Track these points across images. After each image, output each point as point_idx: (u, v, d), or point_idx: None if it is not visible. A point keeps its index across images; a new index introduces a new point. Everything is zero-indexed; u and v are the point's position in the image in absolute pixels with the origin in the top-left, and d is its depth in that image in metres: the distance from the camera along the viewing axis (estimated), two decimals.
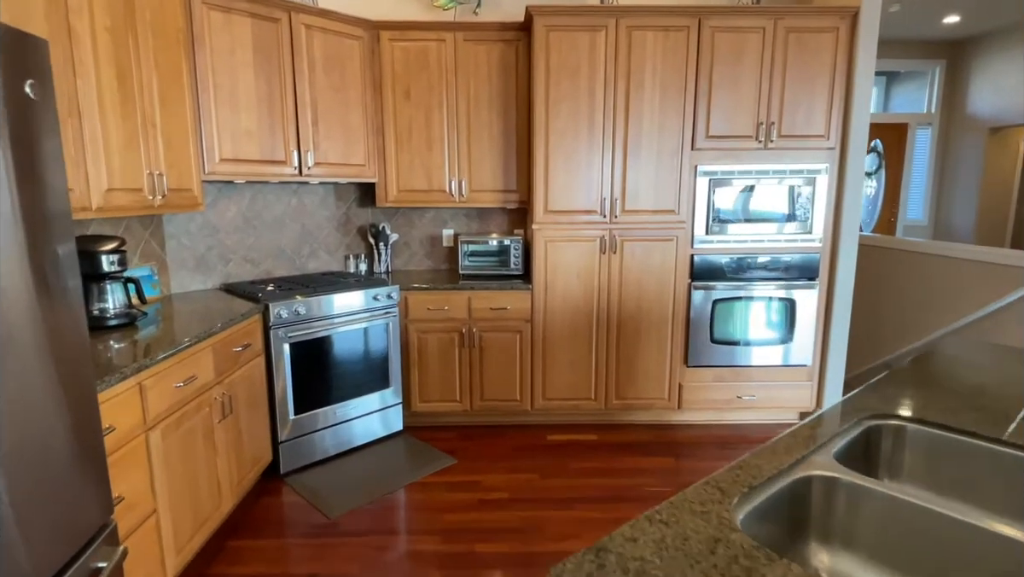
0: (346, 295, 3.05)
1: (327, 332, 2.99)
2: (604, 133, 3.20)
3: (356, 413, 3.18)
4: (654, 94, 3.16)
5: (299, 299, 2.87)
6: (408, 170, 3.50)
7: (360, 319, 3.12)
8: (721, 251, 3.34)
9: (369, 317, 3.16)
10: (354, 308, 3.09)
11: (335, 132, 3.23)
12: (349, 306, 3.07)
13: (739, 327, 3.40)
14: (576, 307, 3.35)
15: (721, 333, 3.40)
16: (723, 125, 3.21)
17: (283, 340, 2.83)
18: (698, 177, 3.26)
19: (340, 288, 3.09)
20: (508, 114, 3.46)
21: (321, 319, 2.97)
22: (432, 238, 3.92)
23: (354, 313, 3.10)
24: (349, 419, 3.16)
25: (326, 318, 2.99)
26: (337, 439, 3.12)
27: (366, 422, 3.24)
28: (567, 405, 3.47)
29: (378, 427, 3.30)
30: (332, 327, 2.99)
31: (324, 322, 2.98)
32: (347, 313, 3.07)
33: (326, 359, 3.02)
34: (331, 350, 3.04)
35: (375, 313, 3.19)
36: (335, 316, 3.02)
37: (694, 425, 3.57)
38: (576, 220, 3.28)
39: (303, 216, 3.55)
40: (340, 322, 3.04)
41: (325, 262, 3.69)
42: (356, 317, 3.11)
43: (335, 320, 3.02)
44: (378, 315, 3.20)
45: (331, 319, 3.01)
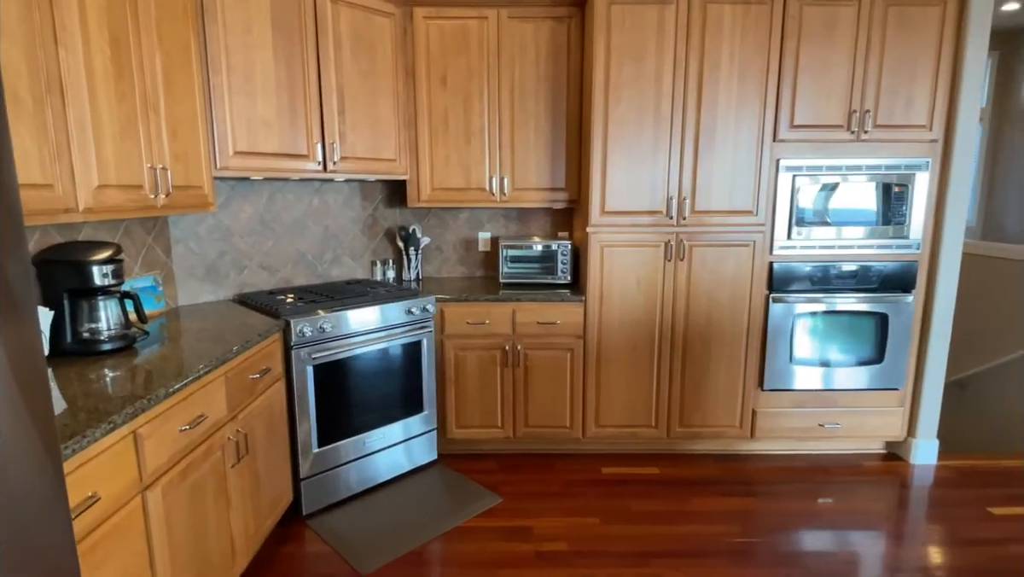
0: (377, 308, 2.66)
1: (355, 351, 2.59)
2: (672, 123, 2.78)
3: (386, 443, 2.79)
4: (731, 78, 2.74)
5: (324, 314, 2.48)
6: (443, 166, 3.10)
7: (392, 335, 2.72)
8: (804, 258, 2.91)
9: (402, 332, 2.76)
10: (386, 323, 2.70)
11: (363, 123, 2.84)
12: (380, 321, 2.68)
13: (823, 345, 2.97)
14: (636, 321, 2.94)
15: (802, 352, 2.98)
16: (810, 114, 2.78)
17: (306, 362, 2.44)
18: (780, 173, 2.83)
19: (370, 300, 2.70)
20: (557, 102, 3.05)
21: (349, 336, 2.58)
22: (467, 242, 3.52)
23: (386, 329, 2.71)
24: (378, 450, 2.76)
25: (355, 335, 2.60)
26: (365, 473, 2.73)
27: (397, 452, 2.84)
28: (623, 433, 3.05)
29: (410, 457, 2.91)
30: (361, 345, 2.60)
31: (352, 340, 2.59)
32: (378, 329, 2.68)
33: (353, 382, 2.63)
34: (359, 372, 2.64)
35: (409, 328, 2.79)
36: (365, 333, 2.63)
37: (766, 456, 3.14)
38: (638, 222, 2.86)
39: (326, 217, 3.16)
40: (370, 340, 2.65)
41: (349, 269, 3.30)
42: (388, 333, 2.71)
43: (364, 337, 2.63)
44: (412, 330, 2.80)
45: (360, 336, 2.61)
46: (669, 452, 3.16)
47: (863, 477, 2.92)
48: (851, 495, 2.75)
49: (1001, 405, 4.13)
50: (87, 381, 1.59)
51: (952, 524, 2.52)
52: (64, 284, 1.83)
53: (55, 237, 1.96)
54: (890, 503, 2.69)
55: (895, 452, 3.16)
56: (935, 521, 2.54)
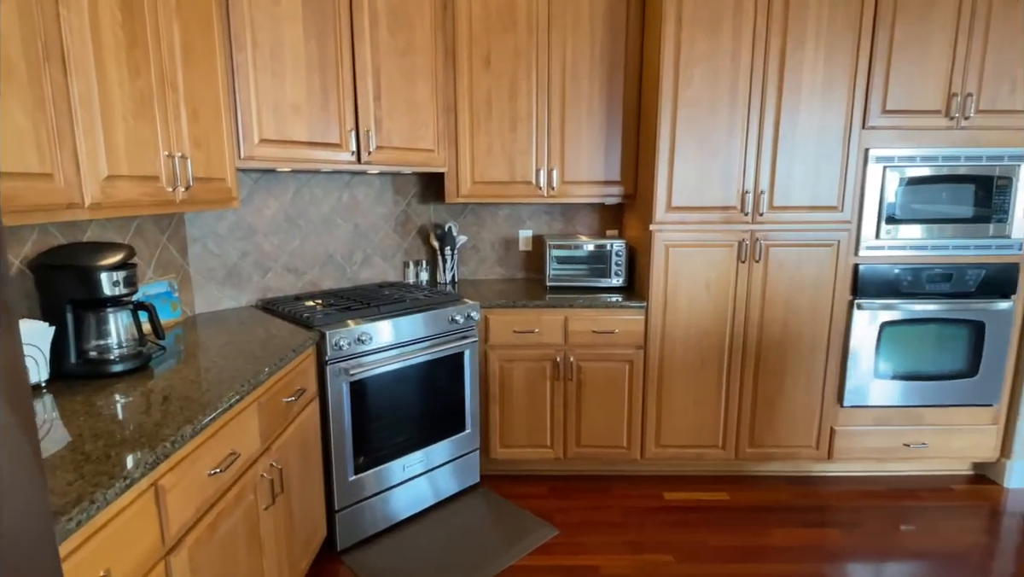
0: (419, 317, 2.36)
1: (395, 365, 2.30)
2: (750, 106, 2.47)
3: (426, 466, 2.50)
4: (817, 56, 2.43)
5: (361, 324, 2.18)
6: (485, 156, 2.80)
7: (434, 346, 2.42)
8: (893, 260, 2.60)
9: (444, 343, 2.46)
10: (428, 332, 2.40)
11: (400, 109, 2.54)
12: (422, 330, 2.38)
13: (912, 357, 2.67)
14: (704, 330, 2.64)
15: (888, 365, 2.67)
16: (904, 97, 2.47)
17: (342, 378, 2.14)
18: (869, 164, 2.52)
19: (410, 307, 2.40)
20: (613, 85, 2.74)
21: (388, 349, 2.28)
22: (506, 241, 3.21)
23: (428, 339, 2.41)
24: (418, 475, 2.47)
25: (394, 347, 2.30)
26: (403, 501, 2.43)
27: (438, 476, 2.55)
28: (687, 454, 2.75)
29: (451, 481, 2.61)
30: (401, 359, 2.30)
31: (392, 353, 2.29)
32: (419, 340, 2.38)
33: (392, 400, 2.34)
34: (398, 388, 2.35)
35: (451, 338, 2.50)
36: (405, 344, 2.33)
37: (843, 478, 2.84)
38: (708, 219, 2.56)
39: (356, 214, 2.87)
40: (411, 352, 2.35)
41: (380, 270, 3.00)
42: (430, 344, 2.42)
43: (405, 350, 2.33)
44: (455, 340, 2.50)
45: (400, 348, 2.32)
46: (735, 474, 2.86)
47: (953, 503, 2.62)
48: (943, 525, 2.45)
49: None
50: (95, 414, 1.30)
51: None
52: (67, 294, 1.54)
53: (56, 238, 1.67)
54: (989, 536, 2.39)
55: (985, 474, 2.86)
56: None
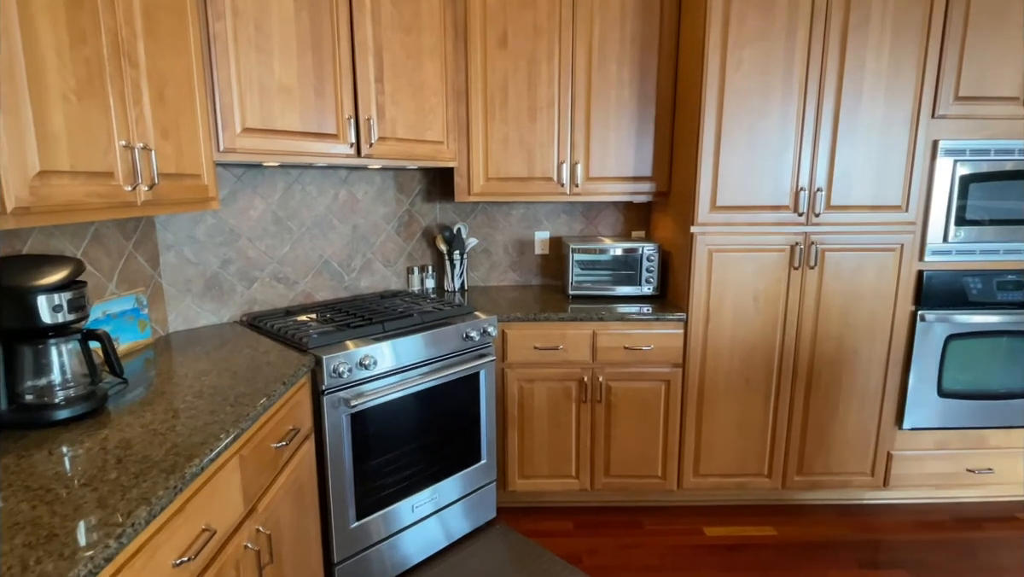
0: (429, 334, 2.04)
1: (401, 392, 1.98)
2: (807, 92, 2.17)
3: (437, 505, 2.18)
4: (882, 36, 2.13)
5: (363, 345, 1.86)
6: (501, 149, 2.48)
7: (446, 368, 2.11)
8: (962, 266, 2.32)
9: (458, 363, 2.15)
10: (439, 352, 2.09)
11: (404, 94, 2.21)
12: (433, 350, 2.06)
13: (980, 374, 2.39)
14: (751, 346, 2.34)
15: (953, 382, 2.39)
16: (977, 82, 2.18)
17: (341, 409, 1.82)
18: (938, 158, 2.23)
19: (418, 323, 2.09)
20: (646, 67, 2.43)
21: (395, 373, 1.96)
22: (520, 243, 2.90)
23: (439, 360, 2.09)
24: (428, 515, 2.16)
25: (401, 370, 1.98)
26: (412, 546, 2.12)
27: (450, 515, 2.24)
28: (728, 484, 2.46)
29: (465, 519, 2.30)
30: (409, 384, 1.98)
31: (398, 378, 1.97)
32: (429, 361, 2.06)
33: (398, 432, 2.02)
34: (405, 417, 2.03)
35: (465, 357, 2.18)
36: (413, 367, 2.02)
37: (898, 507, 2.56)
38: (758, 220, 2.26)
39: (354, 214, 2.54)
40: (419, 375, 2.03)
41: (382, 278, 2.67)
42: (441, 365, 2.10)
43: (413, 373, 2.02)
44: (469, 359, 2.19)
45: (408, 371, 2.00)
46: (779, 503, 2.57)
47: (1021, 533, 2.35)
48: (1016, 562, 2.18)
49: None
50: (21, 486, 0.98)
51: None
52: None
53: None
54: None
55: None
56: None
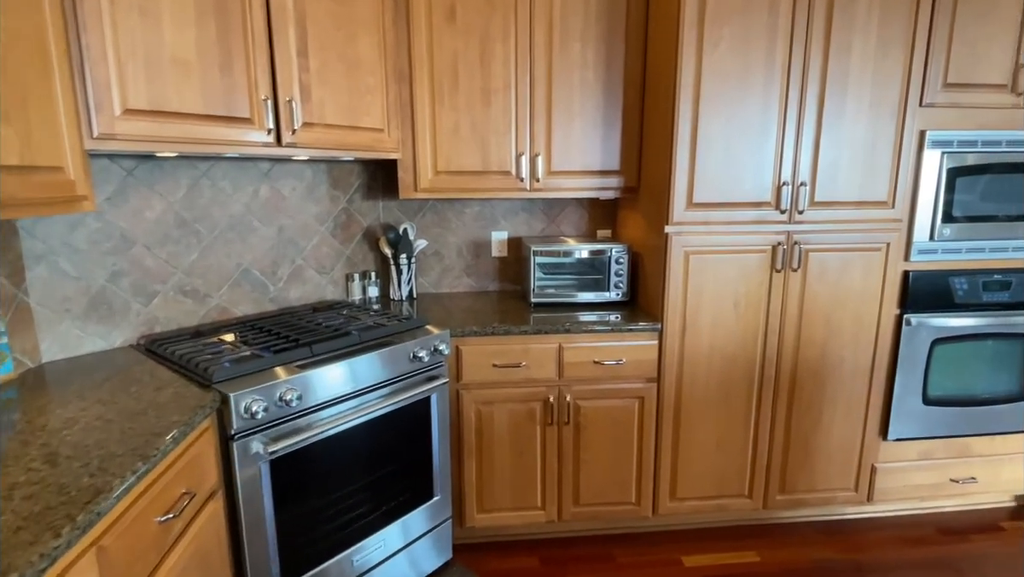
0: (369, 357, 1.72)
1: (335, 428, 1.65)
2: (790, 75, 1.95)
3: (384, 554, 1.87)
4: (870, 14, 1.94)
5: (285, 374, 1.53)
6: (451, 138, 2.17)
7: (390, 395, 1.80)
8: (949, 266, 2.17)
9: (405, 388, 1.84)
10: (382, 376, 1.77)
11: (335, 72, 1.87)
12: (373, 375, 1.75)
13: (965, 379, 2.25)
14: (731, 356, 2.13)
15: (938, 389, 2.25)
16: (966, 69, 2.02)
17: (256, 458, 1.49)
18: (925, 150, 2.06)
19: (357, 344, 1.76)
20: (613, 47, 2.17)
21: (326, 405, 1.63)
22: (476, 245, 2.60)
23: (382, 385, 1.78)
24: (373, 566, 1.85)
25: (335, 402, 1.66)
26: None
27: (399, 563, 1.93)
28: (707, 506, 2.25)
29: (417, 566, 2.00)
30: (344, 418, 1.66)
31: (331, 411, 1.65)
32: (370, 388, 1.75)
33: (334, 476, 1.70)
34: (341, 458, 1.71)
35: (413, 380, 1.87)
36: (350, 396, 1.69)
37: (881, 521, 2.41)
38: (738, 218, 2.04)
39: (280, 214, 2.18)
40: (357, 407, 1.72)
41: (316, 287, 2.33)
42: (385, 392, 1.79)
43: (350, 403, 1.70)
44: (417, 382, 1.88)
45: (344, 402, 1.68)
46: (760, 523, 2.38)
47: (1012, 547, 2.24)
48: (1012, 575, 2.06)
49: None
50: None
51: None
52: None
53: None
54: None
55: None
56: None
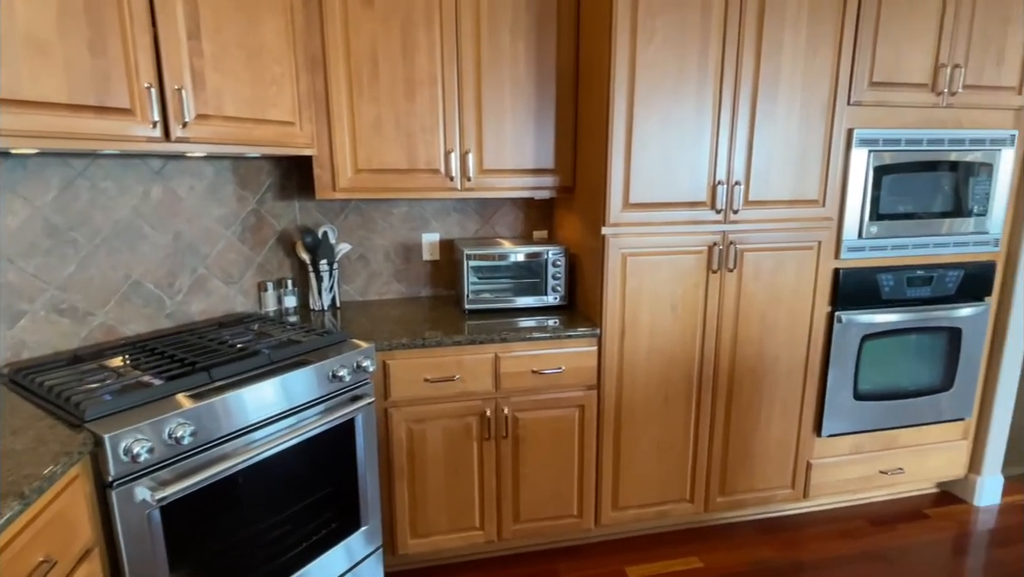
0: (280, 380, 1.53)
1: (241, 462, 1.45)
2: (723, 75, 1.90)
3: None
4: (800, 13, 1.91)
5: (177, 407, 1.32)
6: (373, 133, 2.00)
7: (308, 420, 1.61)
8: (876, 263, 2.20)
9: (325, 411, 1.66)
10: (296, 401, 1.58)
11: (234, 58, 1.66)
12: (287, 399, 1.56)
13: (892, 373, 2.30)
14: (670, 359, 2.07)
15: (868, 383, 2.29)
16: (890, 68, 2.04)
17: (144, 507, 1.28)
18: (853, 148, 2.07)
19: (265, 364, 1.57)
20: (544, 40, 2.06)
21: (229, 438, 1.43)
22: (405, 248, 2.43)
23: (298, 410, 1.59)
24: None
25: (240, 434, 1.46)
26: None
27: None
28: (649, 513, 2.19)
29: None
30: (251, 451, 1.46)
31: (236, 444, 1.45)
32: (283, 414, 1.56)
33: (242, 515, 1.50)
34: (251, 494, 1.52)
35: (335, 401, 1.70)
36: (259, 425, 1.50)
37: (816, 515, 2.44)
38: (674, 218, 1.97)
39: (176, 218, 1.93)
40: (268, 437, 1.52)
41: (223, 299, 2.09)
42: (301, 418, 1.60)
43: (259, 433, 1.50)
44: (339, 404, 1.71)
45: (251, 432, 1.48)
46: (701, 525, 2.35)
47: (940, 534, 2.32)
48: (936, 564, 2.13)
49: None
50: None
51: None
52: None
53: None
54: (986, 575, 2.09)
55: (950, 491, 2.61)
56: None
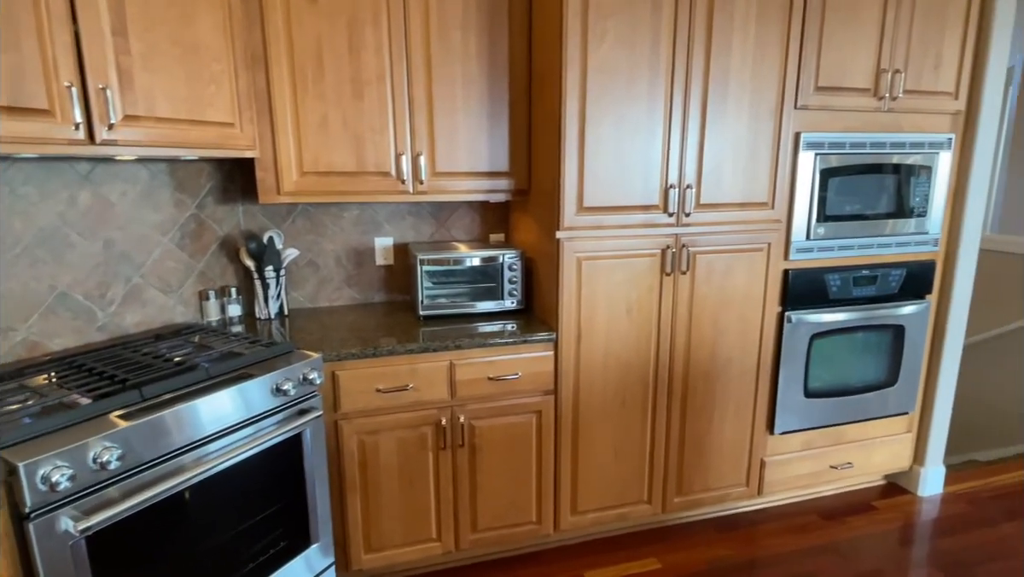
0: (219, 396, 1.45)
1: (177, 485, 1.36)
2: (674, 74, 1.90)
3: None
4: (748, 16, 1.93)
5: (104, 430, 1.23)
6: (319, 134, 1.92)
7: (250, 439, 1.53)
8: (824, 263, 2.25)
9: (270, 427, 1.58)
10: (239, 416, 1.50)
11: (167, 57, 1.56)
12: (228, 416, 1.48)
13: (840, 371, 2.36)
14: (626, 362, 2.07)
15: (818, 381, 2.34)
16: (835, 72, 2.08)
17: (67, 538, 1.18)
18: (800, 151, 2.11)
19: (203, 379, 1.48)
20: (496, 38, 2.02)
21: (163, 459, 1.35)
22: (357, 253, 2.36)
23: (240, 426, 1.51)
24: None
25: (175, 454, 1.37)
26: None
27: None
28: (608, 516, 2.19)
29: None
30: (188, 473, 1.38)
31: (171, 465, 1.36)
32: (221, 433, 1.47)
33: (181, 538, 1.42)
34: (191, 517, 1.43)
35: (280, 416, 1.62)
36: (196, 445, 1.42)
37: (771, 511, 2.48)
38: (628, 221, 1.97)
39: (107, 225, 1.81)
40: (206, 458, 1.44)
41: (160, 309, 1.98)
42: (242, 437, 1.52)
43: (197, 452, 1.42)
44: (286, 418, 1.63)
45: (188, 451, 1.40)
46: (660, 526, 2.36)
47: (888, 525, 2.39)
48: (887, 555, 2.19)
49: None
50: None
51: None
52: None
53: None
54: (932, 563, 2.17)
55: (896, 483, 2.70)
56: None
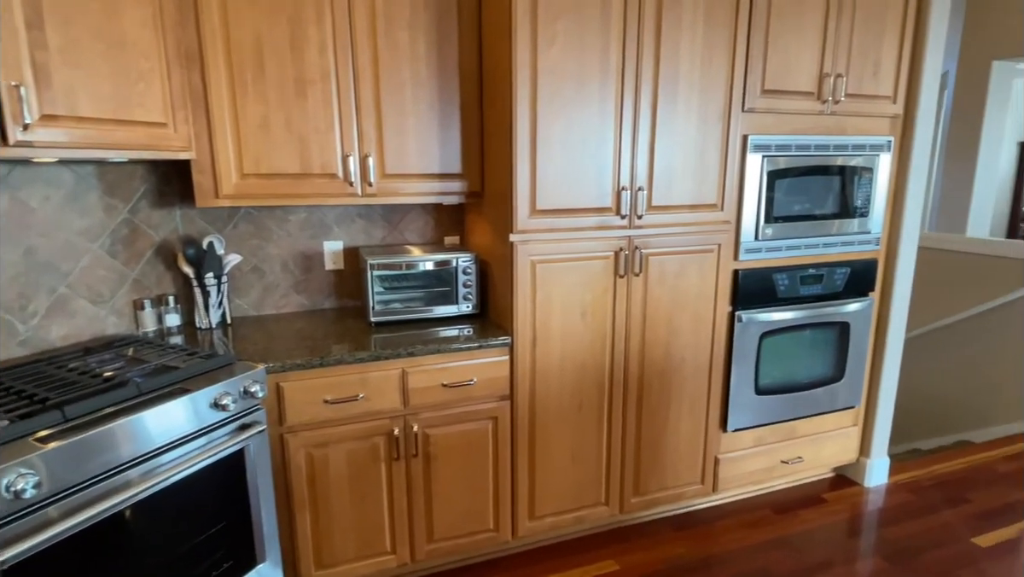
0: (150, 415, 1.36)
1: (101, 513, 1.28)
2: (624, 76, 1.90)
3: None
4: (696, 19, 1.94)
5: (17, 456, 1.14)
6: (260, 135, 1.84)
7: (186, 457, 1.45)
8: (772, 263, 2.29)
9: (206, 446, 1.50)
10: (175, 435, 1.42)
11: (90, 52, 1.46)
12: (162, 435, 1.39)
13: (789, 368, 2.41)
14: (581, 365, 2.05)
15: (768, 378, 2.38)
16: (781, 76, 2.12)
17: None
18: (748, 153, 2.14)
19: (134, 396, 1.39)
20: (446, 38, 1.98)
21: (90, 483, 1.26)
22: (305, 257, 2.28)
23: (173, 446, 1.42)
24: None
25: (102, 478, 1.28)
26: None
27: None
28: (566, 520, 2.18)
29: None
30: (116, 497, 1.29)
31: (95, 491, 1.27)
32: (154, 453, 1.39)
33: (114, 567, 1.33)
34: (123, 543, 1.34)
35: (220, 432, 1.54)
36: (125, 467, 1.33)
37: (725, 508, 2.52)
38: (581, 224, 1.96)
39: (27, 232, 1.69)
40: (136, 481, 1.35)
41: (91, 321, 1.86)
42: (177, 456, 1.44)
43: (125, 476, 1.33)
44: (226, 434, 1.55)
45: (117, 473, 1.31)
46: (618, 526, 2.37)
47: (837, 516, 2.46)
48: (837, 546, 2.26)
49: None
50: None
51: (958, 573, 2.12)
52: None
53: None
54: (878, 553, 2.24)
55: (844, 474, 2.78)
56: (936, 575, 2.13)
